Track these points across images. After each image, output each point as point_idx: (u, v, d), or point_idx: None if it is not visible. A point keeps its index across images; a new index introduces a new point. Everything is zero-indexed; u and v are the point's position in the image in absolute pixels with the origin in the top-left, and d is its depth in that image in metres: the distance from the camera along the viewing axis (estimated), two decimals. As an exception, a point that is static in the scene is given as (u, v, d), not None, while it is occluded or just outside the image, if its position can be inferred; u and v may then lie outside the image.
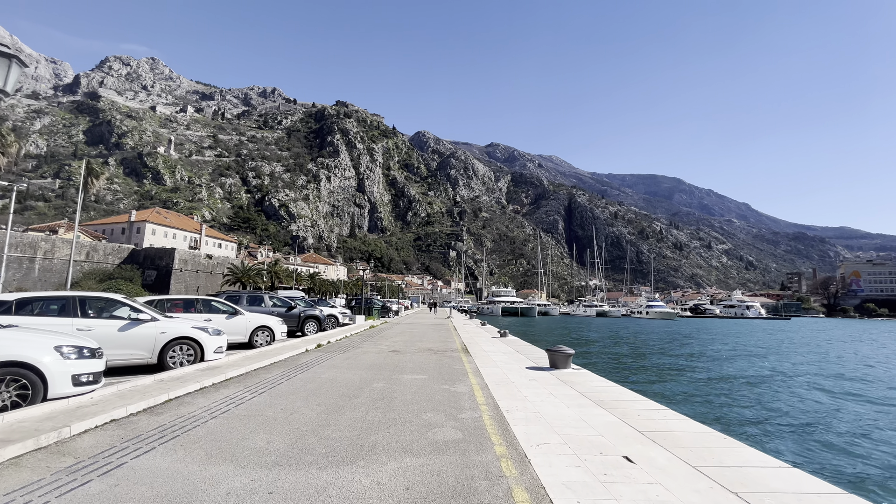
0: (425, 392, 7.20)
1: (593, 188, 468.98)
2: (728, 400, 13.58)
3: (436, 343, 16.00)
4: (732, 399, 13.73)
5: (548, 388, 7.91)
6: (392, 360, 11.15)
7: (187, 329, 8.39)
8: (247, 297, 15.36)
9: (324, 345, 13.90)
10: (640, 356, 25.13)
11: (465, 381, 8.37)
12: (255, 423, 5.20)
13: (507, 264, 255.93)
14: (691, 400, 13.37)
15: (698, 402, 13.11)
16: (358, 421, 5.41)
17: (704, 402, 13.02)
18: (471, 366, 10.47)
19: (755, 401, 13.45)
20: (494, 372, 9.61)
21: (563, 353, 10.22)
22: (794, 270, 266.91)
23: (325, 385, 7.55)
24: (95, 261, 59.33)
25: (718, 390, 15.09)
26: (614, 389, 7.97)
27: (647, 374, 18.89)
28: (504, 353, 13.51)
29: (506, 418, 5.73)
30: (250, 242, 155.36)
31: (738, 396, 14.16)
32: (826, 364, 22.80)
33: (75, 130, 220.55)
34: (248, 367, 8.71)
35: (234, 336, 11.85)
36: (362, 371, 9.18)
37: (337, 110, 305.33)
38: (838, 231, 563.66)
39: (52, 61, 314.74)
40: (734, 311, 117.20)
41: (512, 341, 17.88)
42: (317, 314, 16.70)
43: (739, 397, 14.03)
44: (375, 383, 7.86)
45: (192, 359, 8.40)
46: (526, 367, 10.40)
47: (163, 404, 5.89)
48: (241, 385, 7.33)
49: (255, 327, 12.34)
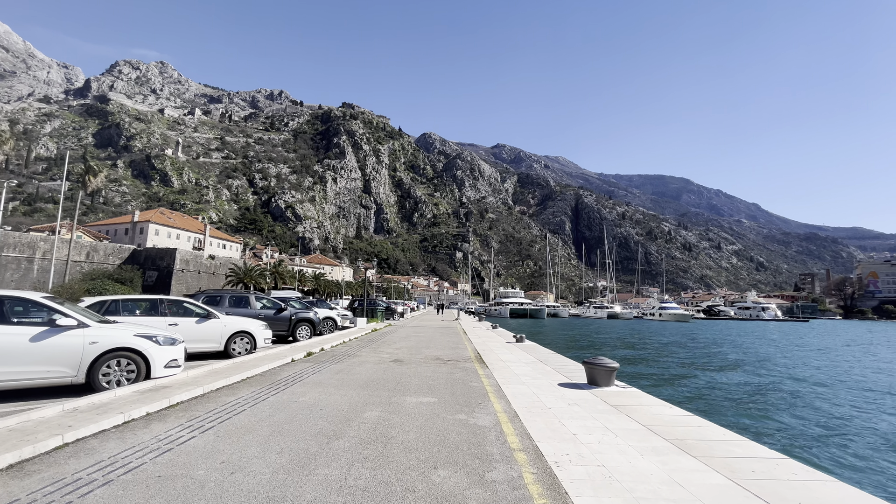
0: (435, 427, 5.25)
1: (600, 189, 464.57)
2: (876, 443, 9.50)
3: (445, 350, 14.04)
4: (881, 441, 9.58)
5: (598, 417, 5.92)
6: (393, 373, 9.21)
7: (127, 338, 6.47)
8: (230, 298, 13.45)
9: (315, 353, 11.99)
10: (678, 365, 22.01)
11: (487, 405, 6.41)
12: (164, 497, 3.27)
13: (514, 265, 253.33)
14: (807, 439, 9.58)
15: (828, 445, 9.27)
16: (332, 489, 3.48)
17: (840, 447, 9.20)
18: (490, 382, 8.50)
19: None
20: (521, 391, 7.63)
21: (604, 366, 8.19)
22: (807, 271, 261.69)
23: (301, 414, 5.62)
24: (96, 261, 58.31)
25: (843, 425, 10.75)
26: (688, 420, 5.95)
27: (703, 391, 15.25)
28: (525, 362, 11.52)
29: (559, 480, 3.75)
30: (257, 244, 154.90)
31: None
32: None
33: (85, 133, 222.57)
34: (209, 385, 6.82)
35: (206, 344, 9.96)
36: (354, 390, 7.24)
37: (343, 112, 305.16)
38: (851, 231, 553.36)
39: (65, 66, 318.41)
40: (749, 312, 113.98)
41: (530, 347, 15.86)
42: (311, 317, 14.75)
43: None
44: (368, 411, 5.92)
45: (134, 376, 6.52)
46: (558, 385, 8.40)
47: (41, 457, 3.97)
48: (185, 415, 5.41)
49: (233, 333, 10.34)
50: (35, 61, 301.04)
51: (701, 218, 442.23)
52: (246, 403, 6.08)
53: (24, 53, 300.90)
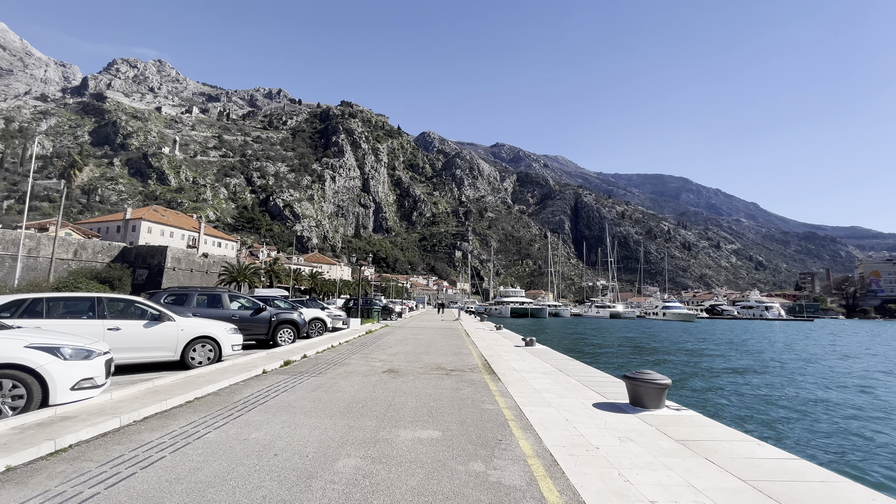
0: (441, 489, 3.45)
1: (599, 188, 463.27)
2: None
3: (447, 356, 12.25)
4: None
5: (670, 464, 4.14)
6: (385, 389, 7.43)
7: (14, 351, 4.67)
8: (200, 297, 11.62)
9: (295, 361, 10.19)
10: (710, 371, 19.22)
11: (510, 443, 4.63)
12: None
13: (514, 265, 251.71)
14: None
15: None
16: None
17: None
18: (507, 402, 6.70)
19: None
20: (549, 416, 5.84)
21: (653, 383, 6.33)
22: (806, 270, 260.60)
23: (243, 466, 3.83)
24: (84, 259, 56.59)
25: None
26: (803, 471, 4.11)
27: (761, 407, 11.92)
28: (543, 372, 9.74)
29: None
30: (254, 243, 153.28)
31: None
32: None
33: (81, 131, 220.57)
34: (133, 413, 5.05)
35: (155, 352, 8.13)
36: (331, 419, 5.44)
37: (342, 110, 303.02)
38: (850, 231, 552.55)
39: (62, 64, 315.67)
40: (752, 312, 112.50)
41: (543, 352, 14.07)
42: (294, 318, 12.87)
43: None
44: (344, 457, 4.12)
45: (22, 403, 4.73)
46: (593, 405, 6.60)
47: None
48: (65, 471, 3.61)
49: (192, 338, 8.53)
50: (32, 60, 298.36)
51: (700, 217, 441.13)
52: (170, 444, 4.28)
53: (21, 52, 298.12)
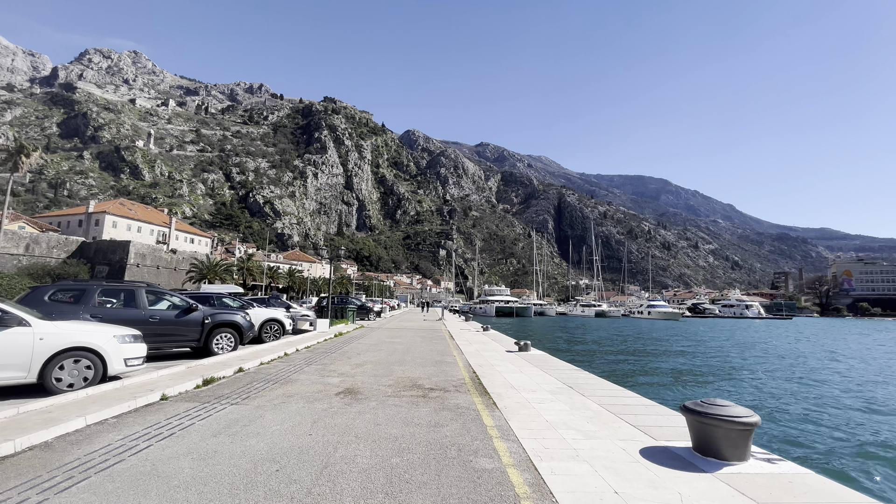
0: None
1: (582, 188, 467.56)
2: None
3: (426, 367, 9.88)
4: None
5: None
6: (328, 431, 5.02)
7: None
8: (101, 291, 8.83)
9: (221, 379, 7.69)
10: (732, 379, 16.98)
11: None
12: None
13: (498, 263, 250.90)
14: None
15: None
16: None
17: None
18: (513, 455, 4.36)
19: None
20: (586, 486, 3.55)
21: (734, 421, 3.97)
22: (780, 270, 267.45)
23: None
24: (37, 254, 52.20)
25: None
26: None
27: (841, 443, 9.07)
28: (551, 391, 7.49)
29: None
30: (233, 240, 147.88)
31: None
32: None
33: (49, 122, 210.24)
34: None
35: None
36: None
37: (325, 106, 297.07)
38: (819, 232, 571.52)
39: (31, 54, 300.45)
40: (733, 310, 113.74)
41: (542, 360, 11.82)
42: (234, 320, 10.23)
43: None
44: None
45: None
46: (642, 455, 4.35)
47: None
48: None
49: (56, 352, 5.90)
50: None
51: (679, 218, 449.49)
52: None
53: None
